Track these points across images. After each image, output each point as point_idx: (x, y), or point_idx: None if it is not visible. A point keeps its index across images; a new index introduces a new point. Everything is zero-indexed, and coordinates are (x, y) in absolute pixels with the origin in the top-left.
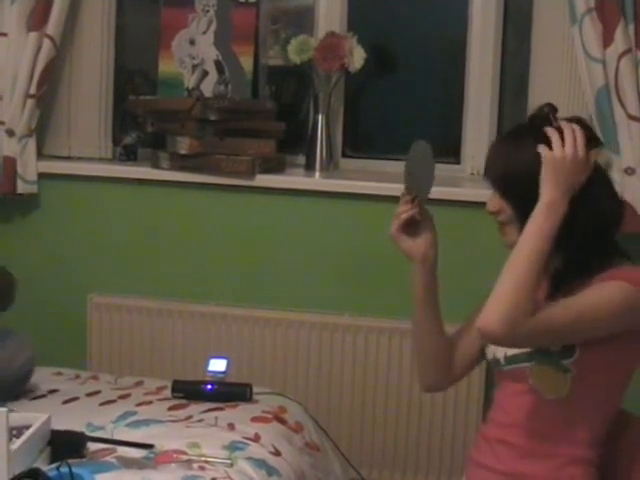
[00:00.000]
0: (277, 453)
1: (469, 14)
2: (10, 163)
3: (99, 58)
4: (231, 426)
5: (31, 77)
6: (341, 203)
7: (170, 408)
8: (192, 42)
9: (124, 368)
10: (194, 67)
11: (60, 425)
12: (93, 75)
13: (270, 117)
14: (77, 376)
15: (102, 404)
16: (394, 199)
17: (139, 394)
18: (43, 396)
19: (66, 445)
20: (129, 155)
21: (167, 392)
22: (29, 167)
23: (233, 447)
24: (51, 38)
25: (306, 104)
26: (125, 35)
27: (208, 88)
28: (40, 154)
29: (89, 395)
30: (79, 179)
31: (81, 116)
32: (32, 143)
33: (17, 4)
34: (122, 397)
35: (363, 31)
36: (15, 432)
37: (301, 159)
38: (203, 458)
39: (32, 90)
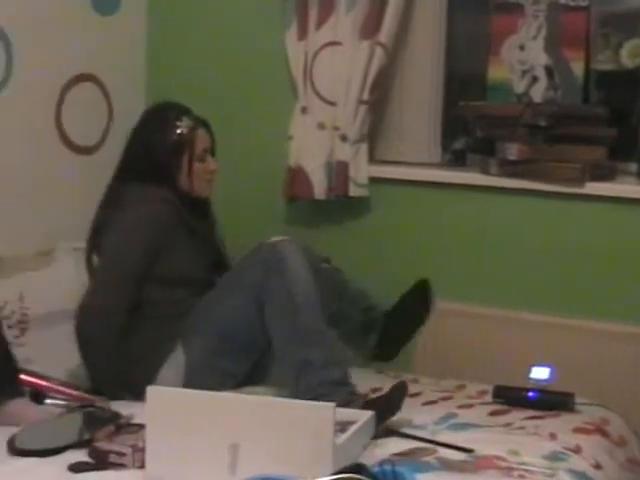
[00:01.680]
0: (598, 466)
1: None
2: (343, 167)
3: (429, 64)
4: (552, 435)
5: (364, 84)
6: None
7: (490, 413)
8: (522, 48)
9: (446, 371)
10: (524, 73)
11: None
12: (424, 81)
13: (601, 123)
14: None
15: (424, 404)
16: None
17: (461, 397)
18: None
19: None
20: (458, 160)
21: (488, 397)
22: (361, 171)
23: (554, 457)
24: (383, 46)
25: (638, 109)
26: (455, 41)
27: (537, 94)
28: (371, 159)
29: (411, 396)
30: (407, 184)
31: (411, 121)
32: (364, 148)
33: (352, 14)
34: (443, 399)
35: None
36: (339, 427)
37: (633, 167)
38: (523, 466)
39: (364, 96)
